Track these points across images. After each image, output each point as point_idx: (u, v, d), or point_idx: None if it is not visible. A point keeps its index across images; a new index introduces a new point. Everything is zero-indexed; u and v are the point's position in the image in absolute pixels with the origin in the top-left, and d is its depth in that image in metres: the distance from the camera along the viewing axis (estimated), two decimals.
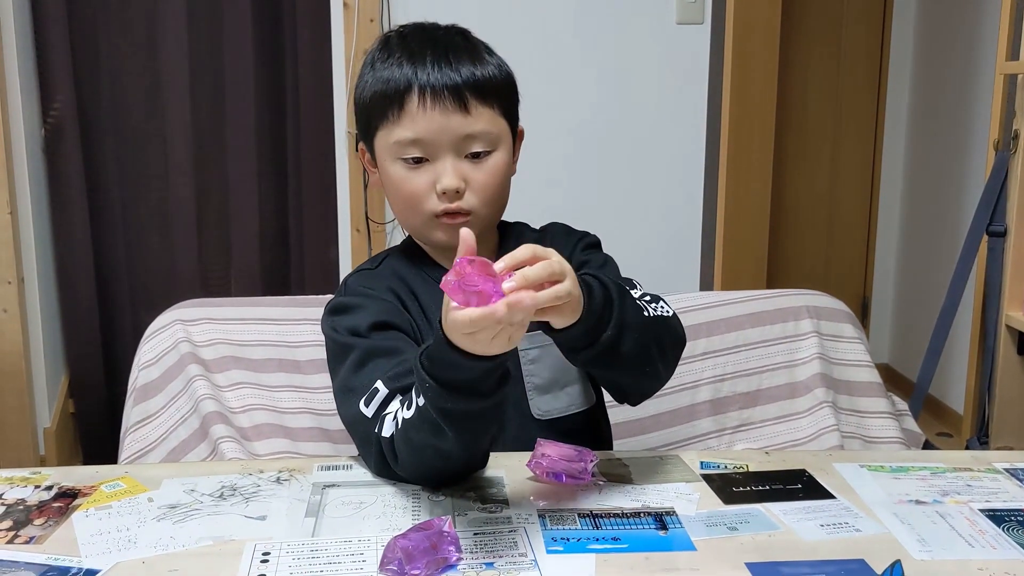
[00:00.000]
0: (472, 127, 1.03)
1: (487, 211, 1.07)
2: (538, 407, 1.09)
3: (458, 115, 1.02)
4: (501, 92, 1.06)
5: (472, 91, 1.02)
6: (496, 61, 1.08)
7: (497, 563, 0.80)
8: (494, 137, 1.05)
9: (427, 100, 1.01)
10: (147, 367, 1.40)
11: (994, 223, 2.05)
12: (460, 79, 1.02)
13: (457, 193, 1.03)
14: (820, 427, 1.43)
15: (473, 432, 0.89)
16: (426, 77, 1.02)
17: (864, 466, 1.03)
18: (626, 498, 0.93)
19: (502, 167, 1.06)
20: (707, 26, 2.66)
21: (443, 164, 1.03)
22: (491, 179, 1.05)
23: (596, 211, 2.61)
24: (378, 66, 1.06)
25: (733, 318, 1.49)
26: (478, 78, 1.03)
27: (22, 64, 2.46)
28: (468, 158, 1.04)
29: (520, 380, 1.09)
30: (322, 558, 0.80)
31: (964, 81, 3.04)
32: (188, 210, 2.74)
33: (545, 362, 1.09)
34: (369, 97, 1.06)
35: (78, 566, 0.79)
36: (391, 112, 1.03)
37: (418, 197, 1.05)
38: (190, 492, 0.93)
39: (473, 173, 1.04)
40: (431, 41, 1.05)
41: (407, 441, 0.91)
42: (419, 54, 1.03)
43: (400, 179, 1.05)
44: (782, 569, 0.80)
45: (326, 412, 1.39)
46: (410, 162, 1.04)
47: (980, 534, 0.86)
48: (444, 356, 0.83)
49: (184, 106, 2.69)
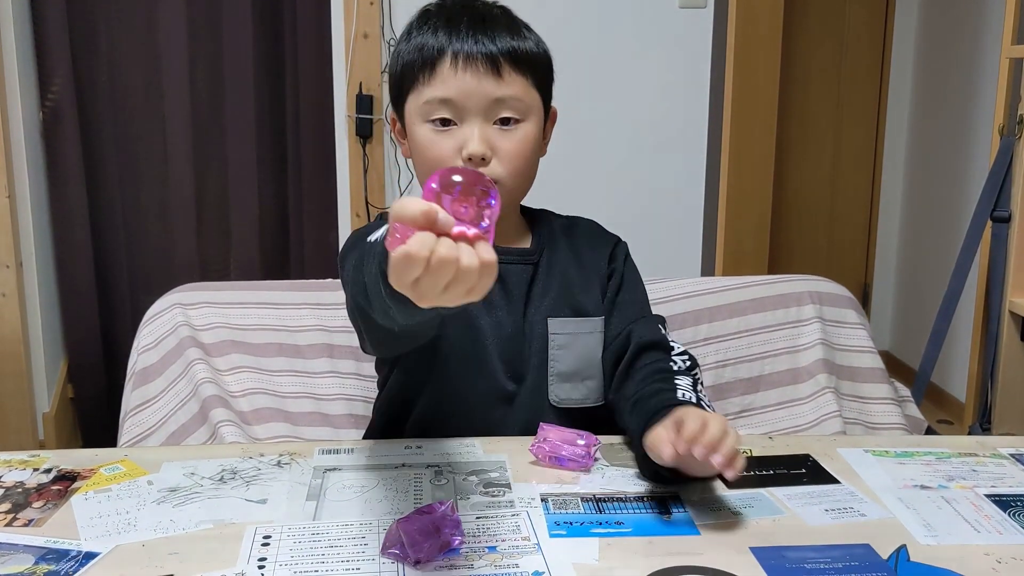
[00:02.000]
0: (503, 91, 1.01)
1: (513, 183, 1.04)
2: (557, 394, 1.08)
3: (490, 78, 1.01)
4: (536, 65, 1.05)
5: (507, 58, 1.02)
6: (535, 38, 1.07)
7: (500, 547, 0.79)
8: (525, 106, 1.03)
9: (459, 63, 1.01)
10: (146, 351, 1.39)
11: (998, 209, 2.04)
12: (496, 47, 1.01)
13: (483, 160, 1.01)
14: (822, 413, 1.43)
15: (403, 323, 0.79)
16: (460, 44, 1.01)
17: (869, 451, 1.02)
18: (629, 482, 0.93)
19: (531, 138, 1.05)
20: (710, 10, 2.65)
21: (470, 128, 1.01)
22: (519, 148, 1.03)
23: (597, 195, 2.60)
24: (414, 35, 1.05)
25: (735, 303, 1.48)
26: (514, 47, 1.03)
27: (20, 47, 2.44)
28: (497, 124, 1.03)
29: (544, 364, 1.08)
30: (323, 542, 0.80)
31: (968, 65, 3.02)
32: (187, 194, 2.73)
33: (572, 350, 1.09)
34: (401, 65, 1.05)
35: (77, 549, 0.78)
36: (423, 74, 1.02)
37: (443, 162, 1.02)
38: (190, 475, 0.93)
39: (501, 141, 1.02)
40: (469, 10, 1.04)
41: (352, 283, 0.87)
42: (455, 22, 1.02)
43: (426, 142, 1.03)
44: (786, 554, 0.79)
45: (326, 397, 1.38)
46: (437, 124, 1.02)
47: (985, 519, 0.86)
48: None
49: (183, 89, 2.68)
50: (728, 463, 0.82)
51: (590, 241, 1.15)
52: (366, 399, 1.39)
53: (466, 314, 1.05)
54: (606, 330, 1.10)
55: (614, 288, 1.12)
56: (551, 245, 1.12)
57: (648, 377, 1.02)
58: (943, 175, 3.19)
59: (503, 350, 1.06)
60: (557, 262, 1.11)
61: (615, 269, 1.14)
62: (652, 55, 2.64)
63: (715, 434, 0.82)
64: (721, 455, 0.81)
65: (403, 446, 1.01)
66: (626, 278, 1.14)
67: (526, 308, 1.08)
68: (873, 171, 3.54)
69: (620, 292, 1.12)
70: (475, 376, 1.06)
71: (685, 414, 0.85)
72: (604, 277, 1.13)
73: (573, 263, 1.12)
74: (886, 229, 3.58)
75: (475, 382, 1.06)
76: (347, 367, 1.40)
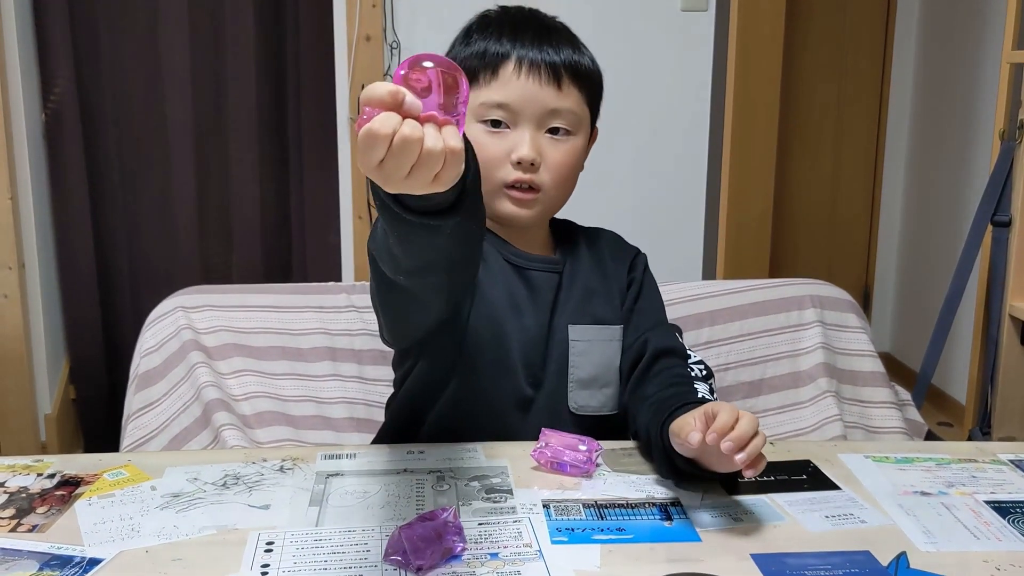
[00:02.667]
0: (560, 102, 1.03)
1: (555, 192, 1.07)
2: (576, 401, 1.09)
3: (550, 88, 1.03)
4: (592, 82, 1.08)
5: (568, 71, 1.04)
6: (590, 56, 1.09)
7: (502, 553, 0.79)
8: (576, 120, 1.06)
9: (523, 68, 1.02)
10: (149, 354, 1.39)
11: (999, 213, 2.04)
12: (559, 58, 1.03)
13: (532, 165, 1.03)
14: (823, 417, 1.43)
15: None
16: (525, 51, 1.03)
17: (869, 457, 1.02)
18: (631, 488, 0.93)
19: (578, 152, 1.08)
20: (712, 13, 2.65)
21: (521, 134, 1.03)
22: (566, 159, 1.06)
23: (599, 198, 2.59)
24: (474, 38, 1.06)
25: (737, 307, 1.49)
26: (575, 61, 1.05)
27: (22, 49, 2.44)
28: (548, 134, 1.05)
29: (565, 371, 1.08)
30: (326, 548, 0.80)
31: (969, 69, 3.02)
32: (189, 195, 2.74)
33: (591, 357, 1.09)
34: (462, 65, 1.05)
35: (81, 555, 0.79)
36: (483, 76, 1.04)
37: (492, 164, 1.04)
38: (193, 480, 0.93)
39: (550, 150, 1.04)
40: (534, 20, 1.07)
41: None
42: (521, 29, 1.04)
43: (479, 143, 1.03)
44: (787, 560, 0.79)
45: (328, 400, 1.39)
46: (489, 125, 1.04)
47: (985, 526, 0.86)
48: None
49: (185, 91, 2.68)
50: (751, 463, 0.82)
51: (611, 252, 1.17)
52: (368, 402, 1.40)
53: (494, 316, 1.06)
54: (624, 338, 1.11)
55: (632, 297, 1.14)
56: (574, 255, 1.14)
57: (667, 381, 1.04)
58: (944, 179, 3.20)
59: (525, 355, 1.07)
60: (580, 271, 1.12)
61: (634, 279, 1.15)
62: (654, 58, 2.64)
63: (746, 431, 0.82)
64: (746, 453, 0.81)
65: (405, 451, 1.01)
66: (644, 288, 1.16)
67: (552, 315, 1.09)
68: (874, 174, 3.54)
69: (638, 301, 1.14)
70: (498, 378, 1.06)
71: (719, 407, 0.86)
72: (624, 287, 1.15)
73: (594, 273, 1.13)
74: (887, 232, 3.58)
75: (497, 385, 1.07)
76: (349, 370, 1.41)
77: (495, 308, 1.06)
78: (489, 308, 1.06)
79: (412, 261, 0.81)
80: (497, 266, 1.08)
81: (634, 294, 1.14)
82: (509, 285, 1.08)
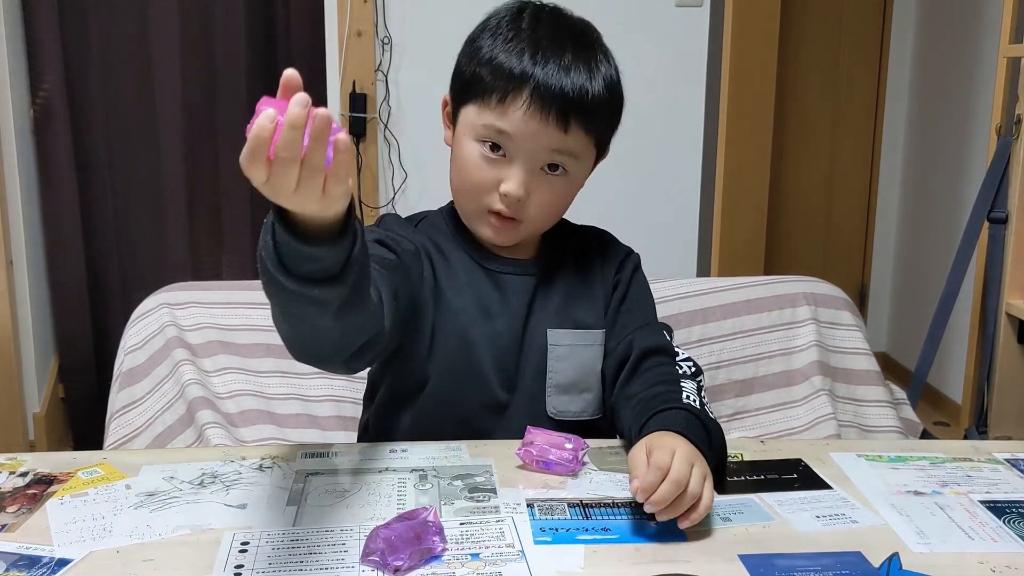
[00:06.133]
0: (563, 144, 1.00)
1: (540, 224, 1.06)
2: (554, 406, 1.07)
3: (556, 129, 0.99)
4: (603, 114, 1.03)
5: (578, 111, 0.99)
6: (608, 74, 1.03)
7: (483, 554, 0.77)
8: (575, 155, 1.02)
9: (533, 106, 0.97)
10: (133, 351, 1.37)
11: (995, 210, 2.02)
12: (572, 93, 0.98)
13: (518, 201, 1.01)
14: (817, 415, 1.41)
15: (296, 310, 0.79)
16: (541, 80, 0.97)
17: (862, 456, 1.00)
18: (617, 488, 0.91)
19: (572, 187, 1.05)
20: (706, 9, 2.63)
21: (516, 170, 1.00)
22: (555, 199, 1.04)
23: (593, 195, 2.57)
24: (500, 41, 1.01)
25: (729, 305, 1.47)
26: (592, 96, 0.99)
27: (10, 43, 2.42)
28: (543, 169, 1.01)
29: (542, 375, 1.06)
30: (302, 548, 0.78)
31: (966, 65, 3.00)
32: (179, 192, 2.71)
33: (570, 362, 1.07)
34: (474, 72, 1.01)
35: (50, 555, 0.76)
36: (492, 97, 0.99)
37: (481, 188, 1.02)
38: (169, 479, 0.91)
39: (541, 186, 1.01)
40: (560, 38, 1.00)
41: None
42: (544, 51, 0.98)
43: (471, 163, 1.01)
44: (776, 561, 0.77)
45: (314, 399, 1.37)
46: (486, 148, 1.00)
47: (980, 526, 0.84)
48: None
49: (175, 87, 2.65)
50: (685, 515, 0.80)
51: (600, 254, 1.14)
52: (355, 400, 1.38)
53: (460, 323, 1.04)
54: (607, 341, 1.09)
55: (618, 300, 1.11)
56: (557, 256, 1.11)
57: (653, 379, 1.01)
58: (941, 175, 3.18)
59: (498, 360, 1.05)
60: (561, 274, 1.10)
61: (620, 280, 1.12)
62: (648, 54, 2.62)
63: (664, 496, 0.79)
64: (664, 516, 0.80)
65: (388, 449, 0.99)
66: (632, 289, 1.13)
67: (527, 319, 1.07)
68: (870, 171, 3.52)
69: (623, 303, 1.11)
70: (469, 384, 1.05)
71: (657, 456, 0.82)
72: (609, 289, 1.12)
73: (578, 276, 1.11)
74: (883, 230, 3.56)
75: (469, 391, 1.05)
76: None
77: (461, 315, 1.04)
78: (455, 316, 1.04)
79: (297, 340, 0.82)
80: (465, 272, 1.06)
81: (620, 296, 1.11)
82: (478, 290, 1.06)
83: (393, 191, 2.63)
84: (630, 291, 1.12)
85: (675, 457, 0.81)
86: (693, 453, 0.84)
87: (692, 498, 0.81)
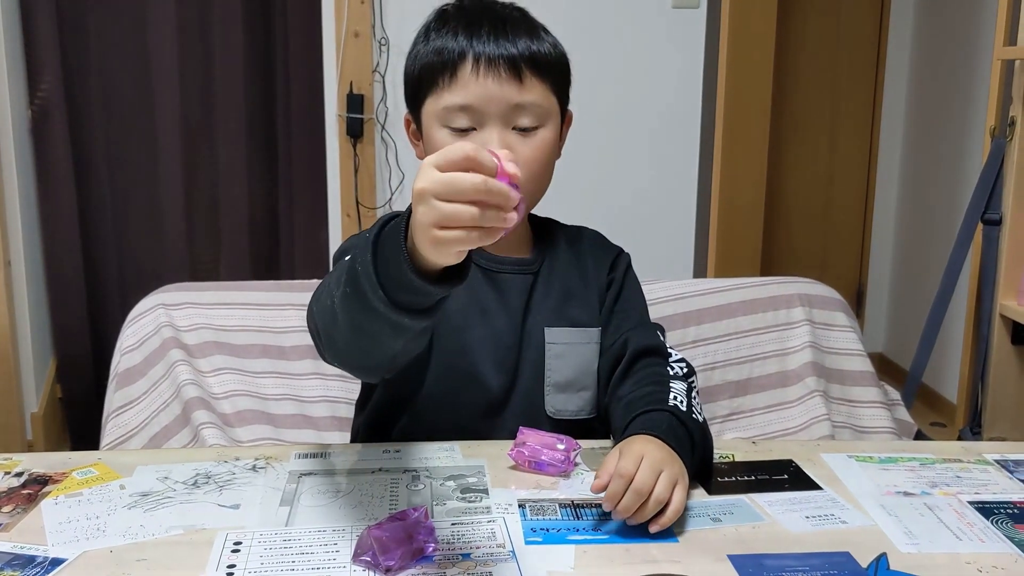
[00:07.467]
0: (524, 97, 1.00)
1: (530, 188, 1.04)
2: (552, 405, 1.07)
3: (511, 84, 0.99)
4: (555, 69, 1.04)
5: (527, 63, 1.00)
6: (552, 40, 1.06)
7: (474, 554, 0.78)
8: (544, 112, 1.02)
9: (481, 68, 0.99)
10: (129, 352, 1.38)
11: (989, 211, 2.02)
12: (516, 51, 1.00)
13: None
14: (811, 416, 1.42)
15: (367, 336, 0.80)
16: (482, 47, 0.99)
17: (852, 456, 1.01)
18: None
19: (549, 144, 1.04)
20: (703, 10, 2.64)
21: (489, 133, 1.00)
22: (537, 154, 1.03)
23: (590, 196, 2.59)
24: (432, 36, 1.03)
25: (724, 305, 1.47)
26: (534, 51, 1.01)
27: (9, 43, 2.42)
28: (516, 132, 1.01)
29: (540, 374, 1.07)
30: (295, 548, 0.78)
31: (962, 67, 3.01)
32: (177, 193, 2.72)
33: (569, 360, 1.08)
34: (420, 68, 1.03)
35: (44, 555, 0.77)
36: (442, 79, 1.00)
37: None
38: (163, 480, 0.92)
39: (519, 147, 1.01)
40: (489, 12, 1.03)
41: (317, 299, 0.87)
42: (476, 24, 1.01)
43: (444, 145, 1.02)
44: (765, 562, 0.78)
45: (310, 399, 1.37)
46: (456, 132, 1.01)
47: (968, 527, 0.85)
48: (395, 255, 0.72)
49: (173, 88, 2.66)
50: (655, 519, 0.82)
51: (592, 252, 1.15)
52: (350, 401, 1.38)
53: (457, 324, 1.04)
54: (602, 340, 1.10)
55: (612, 298, 1.12)
56: (553, 255, 1.12)
57: (644, 380, 1.01)
58: (938, 177, 3.18)
59: (496, 359, 1.06)
60: (557, 273, 1.11)
61: (614, 279, 1.13)
62: (645, 55, 2.63)
63: (615, 491, 0.81)
64: (618, 515, 0.81)
65: (381, 450, 1.00)
66: (625, 288, 1.13)
67: (525, 317, 1.07)
68: (868, 172, 3.53)
69: (618, 301, 1.12)
70: (467, 385, 1.05)
71: (627, 451, 0.83)
72: (603, 289, 1.12)
73: (573, 274, 1.11)
74: (881, 231, 3.57)
75: (467, 391, 1.06)
76: (331, 369, 1.38)
77: (459, 316, 1.05)
78: (453, 317, 1.04)
79: (358, 354, 0.82)
80: None
81: (614, 295, 1.12)
82: (476, 290, 1.06)
83: (390, 191, 2.63)
84: (624, 290, 1.13)
85: (641, 464, 0.82)
86: (663, 459, 0.85)
87: (657, 504, 0.81)
